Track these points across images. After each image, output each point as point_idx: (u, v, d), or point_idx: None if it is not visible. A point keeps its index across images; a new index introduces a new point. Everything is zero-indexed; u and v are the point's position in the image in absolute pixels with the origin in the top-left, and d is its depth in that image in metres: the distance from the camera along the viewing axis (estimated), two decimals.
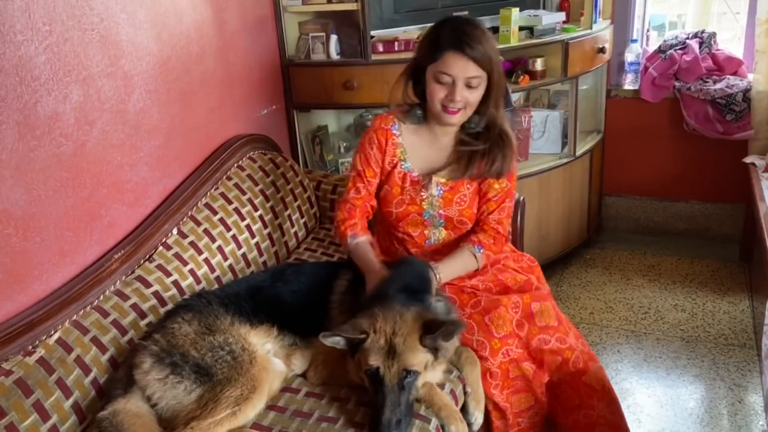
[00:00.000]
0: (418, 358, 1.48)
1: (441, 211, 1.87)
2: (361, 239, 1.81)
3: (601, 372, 1.78)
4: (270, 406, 1.53)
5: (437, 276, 1.74)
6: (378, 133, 1.87)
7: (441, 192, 1.85)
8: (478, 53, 1.68)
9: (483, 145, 1.82)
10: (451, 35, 1.70)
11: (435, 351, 1.51)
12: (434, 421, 1.50)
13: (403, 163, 1.87)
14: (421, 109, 1.86)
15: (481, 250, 1.84)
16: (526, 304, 1.75)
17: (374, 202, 1.92)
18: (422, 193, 1.85)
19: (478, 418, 1.64)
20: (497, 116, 1.82)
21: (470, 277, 1.85)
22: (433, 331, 1.49)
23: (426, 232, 1.90)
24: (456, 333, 1.56)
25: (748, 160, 2.90)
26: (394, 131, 1.87)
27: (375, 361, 1.46)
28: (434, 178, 1.85)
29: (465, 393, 1.63)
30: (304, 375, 1.67)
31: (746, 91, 2.96)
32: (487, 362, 1.68)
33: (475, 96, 1.74)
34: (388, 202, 1.89)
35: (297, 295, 1.70)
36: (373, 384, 1.47)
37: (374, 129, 1.88)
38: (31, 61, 1.48)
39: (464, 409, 1.63)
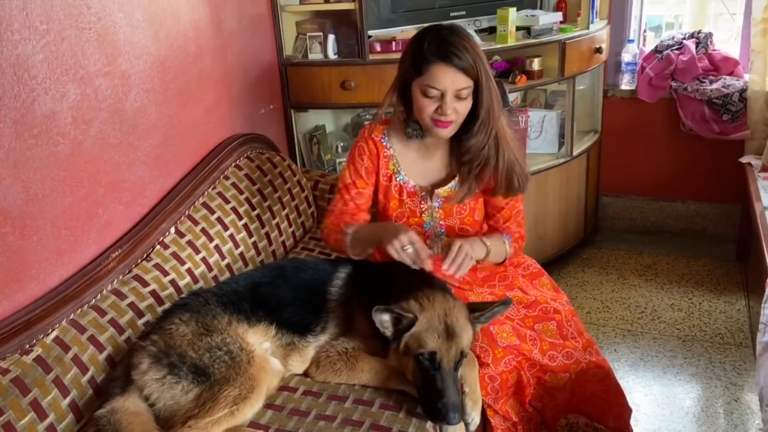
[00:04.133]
0: (469, 338, 1.54)
1: (441, 222, 1.85)
2: (356, 226, 1.79)
3: (602, 373, 1.82)
4: (267, 405, 1.53)
5: (487, 247, 1.78)
6: (368, 144, 1.83)
7: (440, 203, 1.83)
8: (466, 62, 1.62)
9: (483, 158, 1.74)
10: (436, 46, 1.63)
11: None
12: (431, 421, 1.50)
13: (397, 175, 1.84)
14: (416, 125, 1.77)
15: (510, 239, 1.86)
16: (529, 326, 1.77)
17: (363, 216, 1.87)
18: (422, 205, 1.83)
19: (474, 419, 1.64)
20: (492, 123, 1.72)
21: (480, 285, 1.86)
22: (478, 307, 1.57)
23: (428, 242, 1.87)
24: (504, 311, 1.62)
25: (744, 160, 2.91)
26: (384, 143, 1.83)
27: (433, 344, 1.48)
28: (436, 191, 1.82)
29: (462, 393, 1.63)
30: (302, 374, 1.67)
31: (742, 91, 2.97)
32: (488, 368, 1.69)
33: (465, 106, 1.68)
34: (387, 217, 1.86)
35: (296, 292, 1.70)
36: (425, 368, 1.48)
37: (364, 139, 1.84)
38: (28, 59, 1.48)
39: (461, 409, 1.63)
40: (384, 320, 1.51)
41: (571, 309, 1.86)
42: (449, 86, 1.63)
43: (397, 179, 1.84)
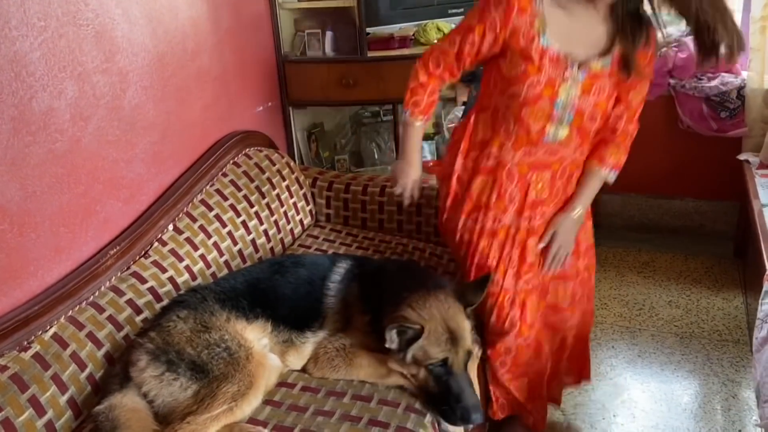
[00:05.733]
0: (471, 334, 1.55)
1: (575, 101, 1.62)
2: (416, 123, 1.71)
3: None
4: (266, 401, 1.54)
5: (576, 214, 1.74)
6: None
7: (583, 77, 1.60)
8: None
9: (630, 33, 1.57)
10: None
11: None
12: (429, 415, 1.51)
13: (542, 36, 1.56)
14: None
15: (616, 173, 1.76)
16: (545, 284, 1.80)
17: (465, 63, 1.66)
18: (565, 73, 1.58)
19: None
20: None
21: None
22: (469, 300, 1.57)
23: (547, 127, 1.64)
24: (487, 284, 1.63)
25: (742, 157, 2.91)
26: None
27: (441, 352, 1.49)
28: (586, 63, 1.60)
29: None
30: (300, 370, 1.67)
31: (740, 89, 2.96)
32: (508, 338, 1.72)
33: None
34: (519, 80, 1.59)
35: (294, 288, 1.70)
36: (438, 376, 1.50)
37: None
38: (26, 56, 1.48)
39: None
40: (393, 337, 1.51)
41: (589, 274, 1.89)
42: None
43: (541, 42, 1.56)
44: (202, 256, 1.92)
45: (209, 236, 1.97)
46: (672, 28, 3.44)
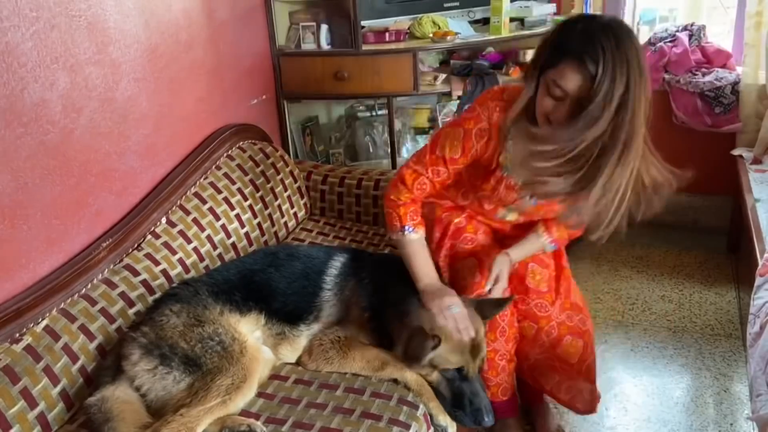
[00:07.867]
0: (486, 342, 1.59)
1: (525, 211, 1.78)
2: (418, 235, 1.69)
3: (577, 345, 1.86)
4: (258, 393, 1.54)
5: (511, 258, 1.77)
6: (492, 130, 1.59)
7: (535, 203, 1.72)
8: (601, 70, 1.32)
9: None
10: (579, 39, 1.36)
11: None
12: (422, 408, 1.51)
13: (505, 169, 1.65)
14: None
15: (555, 247, 1.82)
16: (522, 264, 1.81)
17: (448, 182, 1.74)
18: (517, 201, 1.72)
19: None
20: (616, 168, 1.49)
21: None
22: (486, 313, 1.62)
23: (499, 210, 1.79)
24: (508, 304, 1.69)
25: (736, 152, 2.91)
26: (507, 132, 1.60)
27: (461, 361, 1.53)
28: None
29: None
30: (294, 363, 1.67)
31: (735, 84, 2.97)
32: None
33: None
34: (476, 187, 1.74)
35: (289, 281, 1.70)
36: (451, 380, 1.54)
37: (491, 124, 1.59)
38: (17, 47, 1.47)
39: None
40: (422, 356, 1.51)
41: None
42: (573, 91, 1.38)
43: (503, 172, 1.66)
44: (196, 249, 1.92)
45: (203, 229, 1.97)
46: (667, 24, 3.45)
